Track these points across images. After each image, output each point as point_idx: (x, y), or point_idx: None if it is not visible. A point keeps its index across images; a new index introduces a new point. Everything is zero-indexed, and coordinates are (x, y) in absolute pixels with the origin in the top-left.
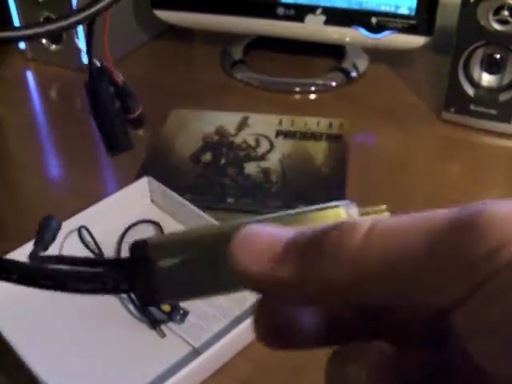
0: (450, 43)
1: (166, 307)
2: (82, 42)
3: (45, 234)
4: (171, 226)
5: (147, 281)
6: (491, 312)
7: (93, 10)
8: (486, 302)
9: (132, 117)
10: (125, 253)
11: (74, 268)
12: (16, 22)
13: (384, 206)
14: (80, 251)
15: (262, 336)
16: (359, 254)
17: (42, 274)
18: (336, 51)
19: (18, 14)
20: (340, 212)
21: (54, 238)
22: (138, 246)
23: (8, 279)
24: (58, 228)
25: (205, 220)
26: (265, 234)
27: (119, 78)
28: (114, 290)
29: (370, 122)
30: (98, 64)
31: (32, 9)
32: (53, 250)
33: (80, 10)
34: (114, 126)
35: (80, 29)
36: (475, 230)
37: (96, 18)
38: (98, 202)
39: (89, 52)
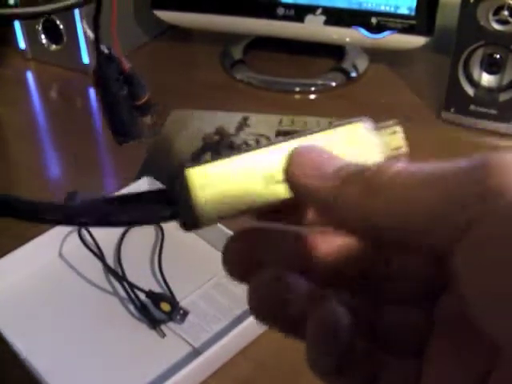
0: (450, 43)
1: (166, 307)
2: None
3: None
4: (171, 226)
5: (188, 207)
6: (488, 249)
7: None
8: (484, 239)
9: (139, 103)
10: (125, 252)
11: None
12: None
13: (392, 121)
14: (80, 251)
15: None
16: (384, 187)
17: (86, 209)
18: (336, 51)
19: None
20: (358, 126)
21: None
22: (179, 173)
23: (53, 221)
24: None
25: None
26: (317, 153)
27: (127, 65)
28: (157, 217)
29: None
30: (106, 51)
31: None
32: (52, 250)
33: None
34: (122, 112)
35: (79, 27)
36: (475, 171)
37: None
38: None
39: (96, 38)
